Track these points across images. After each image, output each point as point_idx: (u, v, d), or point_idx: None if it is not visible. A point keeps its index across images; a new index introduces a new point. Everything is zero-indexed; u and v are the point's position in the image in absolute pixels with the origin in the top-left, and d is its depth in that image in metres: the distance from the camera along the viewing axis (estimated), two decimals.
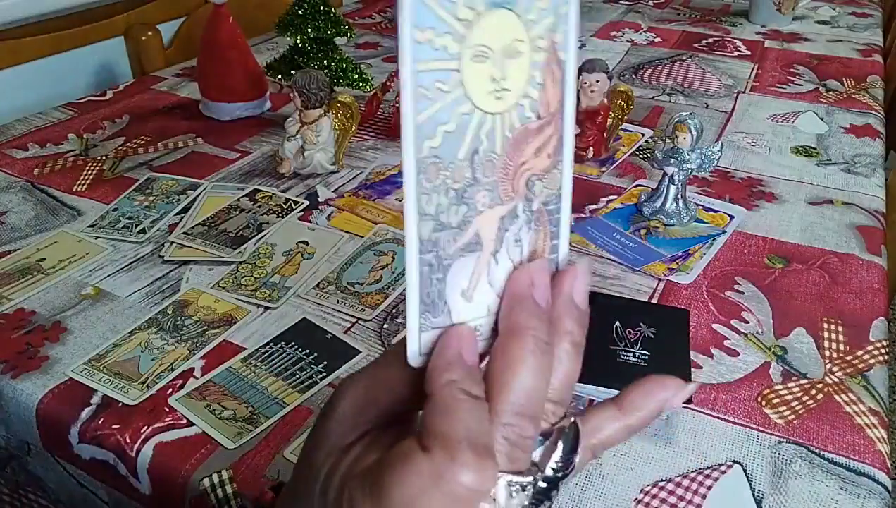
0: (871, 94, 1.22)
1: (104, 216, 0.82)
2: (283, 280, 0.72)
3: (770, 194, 0.90)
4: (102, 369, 0.60)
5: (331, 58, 1.07)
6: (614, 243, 0.79)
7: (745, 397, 0.59)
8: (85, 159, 0.95)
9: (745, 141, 1.04)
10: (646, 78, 1.28)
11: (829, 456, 0.54)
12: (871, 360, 0.64)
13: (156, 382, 0.59)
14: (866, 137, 1.06)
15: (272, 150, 0.97)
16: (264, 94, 1.09)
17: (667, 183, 0.82)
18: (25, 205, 0.84)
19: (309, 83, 0.86)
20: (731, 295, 0.71)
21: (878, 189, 0.92)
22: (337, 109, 0.90)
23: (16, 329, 0.65)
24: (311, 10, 1.03)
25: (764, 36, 1.52)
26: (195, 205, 0.84)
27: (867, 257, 0.78)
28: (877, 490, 0.52)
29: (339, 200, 0.86)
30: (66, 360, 0.61)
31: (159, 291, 0.70)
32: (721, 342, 0.65)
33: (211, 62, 1.04)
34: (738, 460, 0.54)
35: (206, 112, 1.07)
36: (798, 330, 0.67)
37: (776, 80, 1.27)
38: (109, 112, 1.09)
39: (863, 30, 1.57)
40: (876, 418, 0.58)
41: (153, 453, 0.54)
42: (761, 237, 0.81)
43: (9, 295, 0.69)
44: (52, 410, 0.58)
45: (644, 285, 0.72)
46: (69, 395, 0.58)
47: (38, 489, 0.63)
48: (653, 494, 0.51)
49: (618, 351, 0.60)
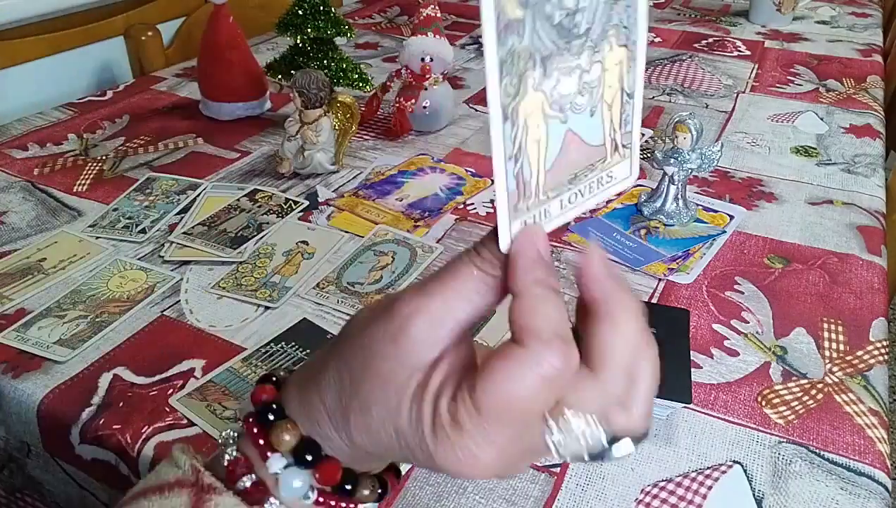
0: (871, 94, 1.22)
1: (104, 216, 0.82)
2: (283, 280, 0.72)
3: (770, 194, 0.90)
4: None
5: (331, 58, 1.07)
6: (614, 243, 0.79)
7: (746, 397, 0.59)
8: (85, 159, 0.95)
9: (745, 141, 1.04)
10: (646, 78, 1.28)
11: (830, 456, 0.54)
12: (871, 360, 0.64)
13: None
14: (866, 137, 1.07)
15: (272, 150, 0.97)
16: (264, 94, 1.09)
17: (667, 183, 0.82)
18: (26, 205, 0.84)
19: (309, 83, 0.86)
20: (731, 295, 0.71)
21: (878, 189, 0.92)
22: (337, 109, 0.90)
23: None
24: (311, 10, 1.03)
25: (764, 36, 1.52)
26: (195, 205, 0.84)
27: (867, 257, 0.78)
28: (877, 490, 0.52)
29: (339, 200, 0.86)
30: (66, 360, 0.61)
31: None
32: (721, 342, 0.65)
33: (211, 62, 1.04)
34: (738, 460, 0.54)
35: (206, 112, 1.07)
36: (798, 330, 0.67)
37: (776, 80, 1.27)
38: (109, 112, 1.09)
39: (863, 30, 1.57)
40: (876, 418, 0.58)
41: (154, 453, 0.54)
42: (761, 237, 0.81)
43: (9, 295, 0.69)
44: (52, 410, 0.58)
45: (644, 285, 0.72)
46: (70, 395, 0.58)
47: (35, 492, 0.63)
48: (653, 494, 0.51)
49: None
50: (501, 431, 0.28)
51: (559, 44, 0.27)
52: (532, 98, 0.27)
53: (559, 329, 0.28)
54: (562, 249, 0.78)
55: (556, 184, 0.30)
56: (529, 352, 0.27)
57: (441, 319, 0.29)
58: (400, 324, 0.29)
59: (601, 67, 0.29)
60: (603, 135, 0.31)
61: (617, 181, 0.32)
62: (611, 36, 0.28)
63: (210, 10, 1.02)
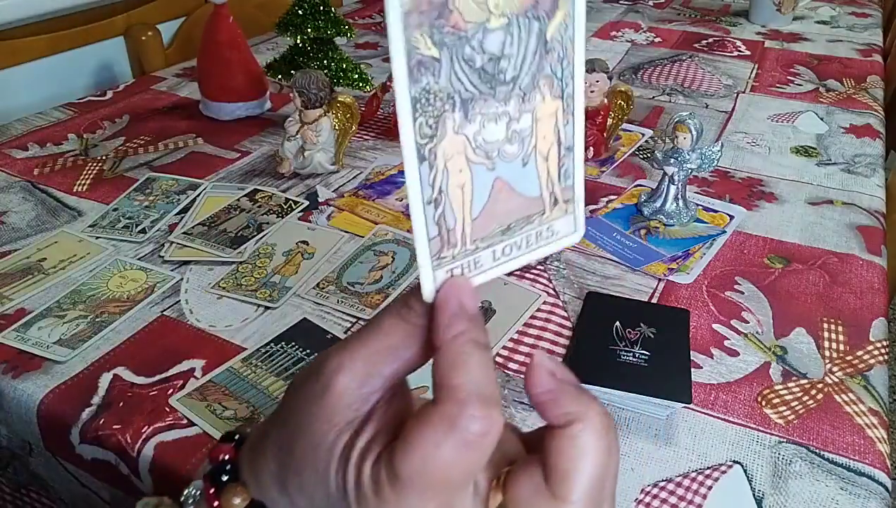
0: (871, 94, 1.22)
1: (104, 216, 0.82)
2: (283, 280, 0.72)
3: (770, 194, 0.90)
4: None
5: (331, 58, 1.07)
6: (614, 243, 0.79)
7: (746, 397, 0.59)
8: (85, 159, 0.95)
9: (745, 141, 1.04)
10: (646, 78, 1.28)
11: (830, 456, 0.54)
12: (871, 360, 0.64)
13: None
14: (866, 137, 1.07)
15: (272, 150, 0.97)
16: (264, 94, 1.09)
17: (667, 183, 0.82)
18: (26, 205, 0.84)
19: (309, 83, 0.86)
20: (731, 295, 0.71)
21: (878, 189, 0.92)
22: (337, 109, 0.90)
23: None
24: (311, 10, 1.03)
25: (764, 36, 1.52)
26: (195, 205, 0.84)
27: (867, 257, 0.78)
28: (877, 490, 0.52)
29: (339, 200, 0.86)
30: (66, 360, 0.61)
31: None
32: (721, 342, 0.65)
33: (211, 62, 1.04)
34: (738, 460, 0.54)
35: (206, 112, 1.07)
36: (798, 330, 0.67)
37: (776, 80, 1.27)
38: (109, 112, 1.09)
39: (863, 30, 1.57)
40: (876, 418, 0.58)
41: (154, 453, 0.54)
42: (761, 237, 0.81)
43: (9, 295, 0.69)
44: (52, 410, 0.58)
45: (644, 285, 0.72)
46: (70, 395, 0.58)
47: (41, 488, 0.63)
48: (653, 494, 0.51)
49: (618, 351, 0.60)
50: (424, 500, 0.26)
51: (482, 88, 0.26)
52: (453, 141, 0.26)
53: (480, 388, 0.25)
54: (561, 249, 0.78)
55: (487, 234, 0.28)
56: (443, 415, 0.25)
57: (365, 374, 0.28)
58: (325, 382, 0.28)
59: (532, 116, 0.28)
60: (539, 187, 0.29)
61: (559, 237, 0.31)
62: (543, 86, 0.27)
63: (210, 10, 1.02)
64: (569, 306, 0.69)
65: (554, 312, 0.68)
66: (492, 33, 0.25)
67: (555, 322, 0.67)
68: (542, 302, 0.69)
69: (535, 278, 0.73)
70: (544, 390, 0.27)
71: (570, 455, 0.27)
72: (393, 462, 0.26)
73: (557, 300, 0.70)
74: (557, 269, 0.74)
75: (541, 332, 0.65)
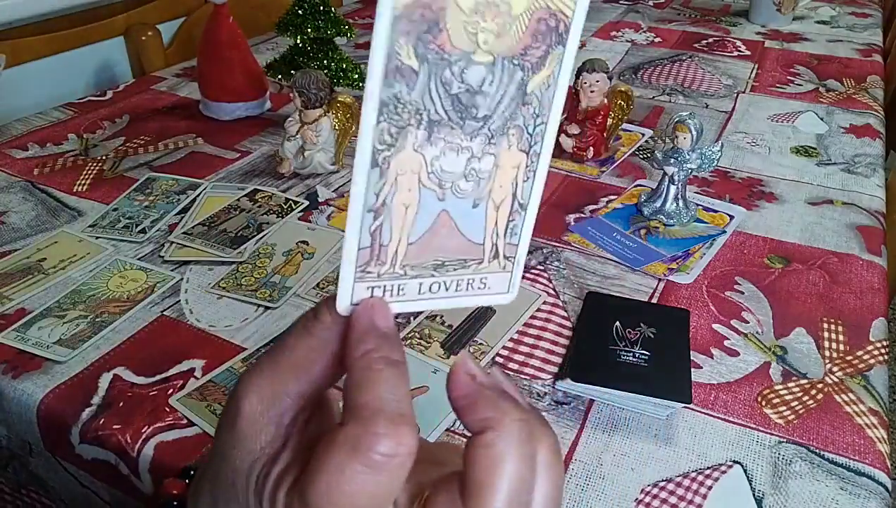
0: (871, 94, 1.22)
1: (104, 216, 0.82)
2: (283, 280, 0.72)
3: (770, 194, 0.90)
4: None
5: (331, 58, 1.08)
6: (614, 243, 0.79)
7: (746, 397, 0.59)
8: (85, 159, 0.95)
9: (745, 141, 1.04)
10: (646, 78, 1.28)
11: (830, 456, 0.54)
12: (871, 360, 0.64)
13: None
14: (866, 137, 1.07)
15: (272, 150, 0.97)
16: (264, 94, 1.09)
17: (667, 183, 0.82)
18: (26, 205, 0.84)
19: (309, 83, 0.86)
20: (731, 295, 0.71)
21: (878, 189, 0.92)
22: (337, 109, 0.90)
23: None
24: (311, 10, 1.03)
25: (764, 36, 1.52)
26: (195, 205, 0.84)
27: (867, 257, 0.78)
28: (877, 491, 0.52)
29: (339, 200, 0.86)
30: (66, 360, 0.61)
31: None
32: (721, 342, 0.65)
33: (211, 62, 1.04)
34: (738, 460, 0.54)
35: (206, 112, 1.07)
36: (798, 330, 0.67)
37: (776, 80, 1.27)
38: (109, 112, 1.09)
39: (863, 30, 1.58)
40: (876, 418, 0.58)
41: (154, 453, 0.54)
42: (761, 237, 0.81)
43: (9, 295, 0.69)
44: (52, 410, 0.58)
45: (644, 285, 0.72)
46: (70, 395, 0.58)
47: (41, 488, 0.63)
48: (653, 494, 0.51)
49: (618, 351, 0.60)
50: None
51: (452, 116, 0.25)
52: (409, 157, 0.25)
53: (387, 405, 0.24)
54: (561, 249, 0.78)
55: (419, 263, 0.28)
56: (347, 436, 0.23)
57: (273, 395, 0.26)
58: (235, 406, 0.26)
59: (494, 160, 0.27)
60: (483, 234, 0.28)
61: (490, 292, 0.30)
62: (512, 135, 0.27)
63: (210, 10, 1.02)
64: (569, 306, 0.69)
65: (554, 312, 0.68)
66: (475, 66, 0.25)
67: (555, 322, 0.67)
68: (542, 302, 0.69)
69: (535, 277, 0.73)
70: (461, 394, 0.26)
71: (482, 466, 0.25)
72: (302, 490, 0.24)
73: (557, 300, 0.70)
74: (557, 269, 0.74)
75: (541, 332, 0.65)
